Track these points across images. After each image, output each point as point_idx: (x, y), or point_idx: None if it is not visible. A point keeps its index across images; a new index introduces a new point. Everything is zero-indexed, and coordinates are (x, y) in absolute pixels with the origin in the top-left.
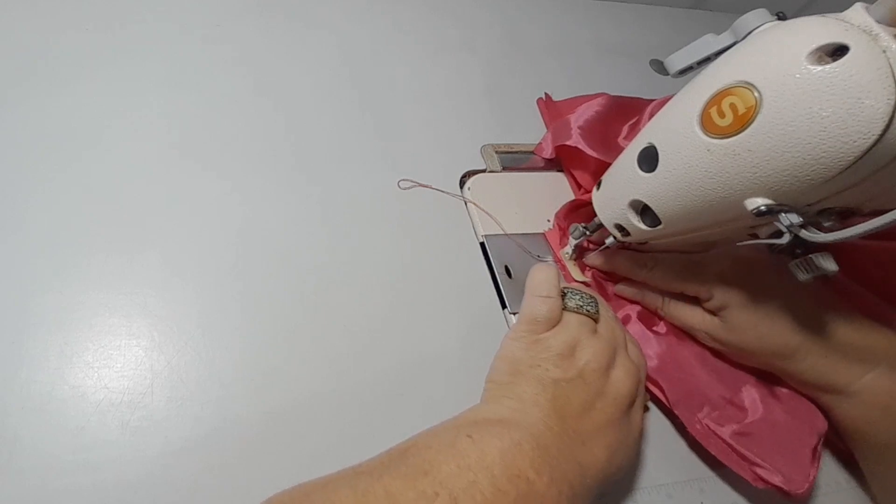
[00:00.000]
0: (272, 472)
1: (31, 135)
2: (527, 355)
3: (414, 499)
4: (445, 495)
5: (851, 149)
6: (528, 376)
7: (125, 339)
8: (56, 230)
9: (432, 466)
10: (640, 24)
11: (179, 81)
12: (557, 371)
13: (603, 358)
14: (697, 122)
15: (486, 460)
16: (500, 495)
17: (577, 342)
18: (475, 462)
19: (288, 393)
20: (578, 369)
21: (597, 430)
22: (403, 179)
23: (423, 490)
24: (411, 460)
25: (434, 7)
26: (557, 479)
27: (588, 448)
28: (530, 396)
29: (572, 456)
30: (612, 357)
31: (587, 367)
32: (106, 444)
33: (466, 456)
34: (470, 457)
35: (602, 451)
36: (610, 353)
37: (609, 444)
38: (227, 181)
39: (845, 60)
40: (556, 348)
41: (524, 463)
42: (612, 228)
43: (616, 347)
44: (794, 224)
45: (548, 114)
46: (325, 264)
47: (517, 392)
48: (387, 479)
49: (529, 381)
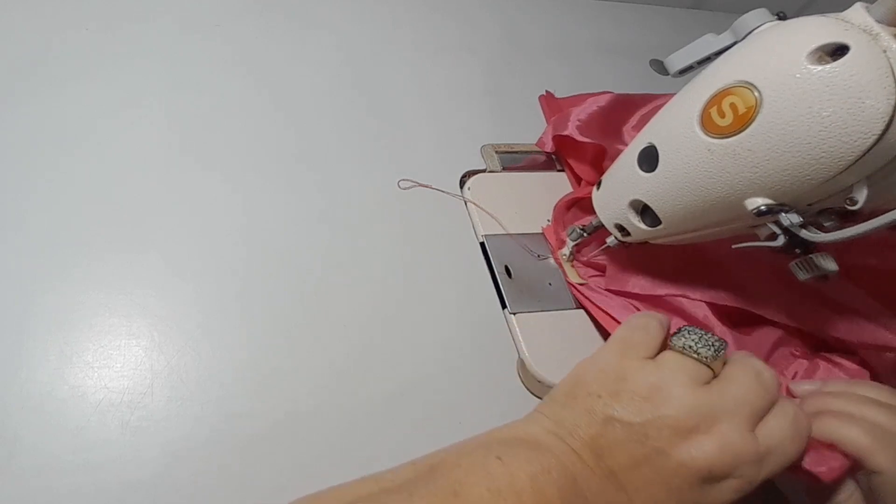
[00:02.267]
0: (272, 472)
1: (32, 135)
2: (594, 380)
3: None
4: None
5: (852, 148)
6: (581, 403)
7: (125, 339)
8: (56, 230)
9: (462, 488)
10: (640, 24)
11: (179, 81)
12: (619, 409)
13: (690, 419)
14: (698, 121)
15: (516, 486)
16: None
17: (667, 388)
18: (505, 487)
19: (288, 393)
20: (648, 419)
21: (644, 486)
22: (403, 179)
23: None
24: (440, 481)
25: (434, 7)
26: None
27: (628, 496)
28: (570, 424)
29: (605, 496)
30: (711, 421)
31: (661, 421)
32: (106, 444)
33: (497, 479)
34: (500, 480)
35: None
36: (708, 415)
37: None
38: (227, 181)
39: (845, 60)
40: (632, 384)
41: (552, 491)
42: (612, 228)
43: (733, 413)
44: (794, 224)
45: (549, 109)
46: (324, 264)
47: (560, 416)
48: (415, 498)
49: (579, 408)
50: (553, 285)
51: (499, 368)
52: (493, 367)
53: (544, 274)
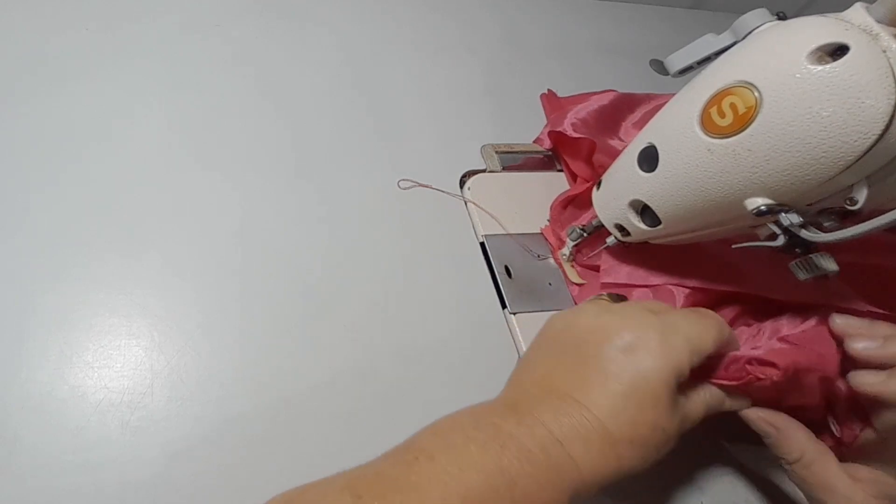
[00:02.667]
0: (272, 472)
1: (32, 135)
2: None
3: (395, 467)
4: (423, 457)
5: (852, 148)
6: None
7: (125, 339)
8: (56, 230)
9: (413, 441)
10: (640, 24)
11: (179, 81)
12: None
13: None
14: (697, 121)
15: (458, 420)
16: (469, 441)
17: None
18: (448, 426)
19: (288, 393)
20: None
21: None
22: (403, 179)
23: (404, 458)
24: (397, 446)
25: (434, 7)
26: (529, 423)
27: (573, 397)
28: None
29: (549, 406)
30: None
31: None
32: (106, 444)
33: (441, 425)
34: (444, 424)
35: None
36: (607, 314)
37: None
38: (226, 181)
39: (845, 60)
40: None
41: (491, 414)
42: (612, 228)
43: (622, 308)
44: (794, 224)
45: (550, 108)
46: (324, 264)
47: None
48: (374, 463)
49: (512, 382)
50: (553, 285)
51: (499, 368)
52: (493, 367)
53: (544, 274)
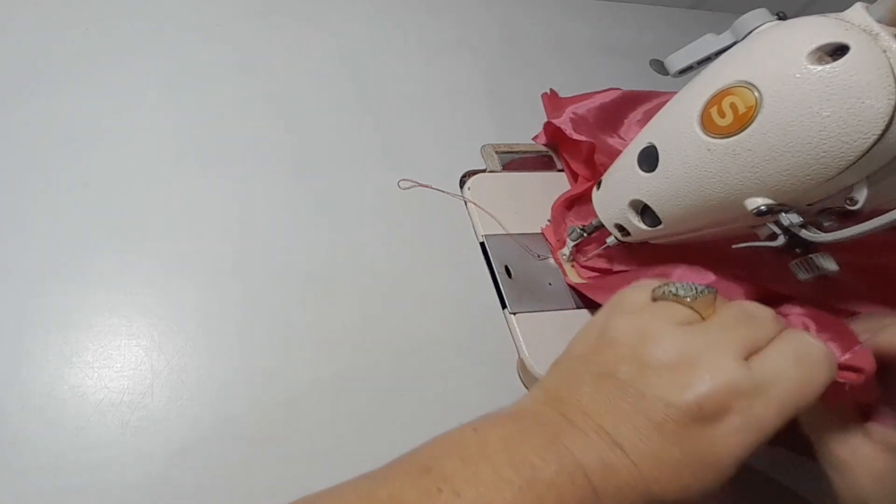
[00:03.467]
0: (272, 472)
1: (32, 135)
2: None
3: (416, 497)
4: (448, 490)
5: (852, 148)
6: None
7: (125, 339)
8: (56, 230)
9: (435, 462)
10: (640, 24)
11: (180, 82)
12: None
13: (668, 357)
14: (698, 121)
15: (487, 449)
16: (503, 483)
17: (643, 331)
18: (476, 452)
19: (288, 393)
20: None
21: (636, 436)
22: (403, 179)
23: (427, 488)
24: (415, 459)
25: (434, 7)
26: (571, 469)
27: (624, 451)
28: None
29: (596, 452)
30: (694, 356)
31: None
32: (106, 444)
33: (468, 447)
34: (471, 448)
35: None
36: (690, 350)
37: (662, 458)
38: (227, 181)
39: (845, 60)
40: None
41: (528, 449)
42: (612, 228)
43: (718, 345)
44: (794, 224)
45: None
46: (324, 264)
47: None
48: (391, 481)
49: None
50: (553, 285)
51: (499, 368)
52: (493, 366)
53: (544, 274)
